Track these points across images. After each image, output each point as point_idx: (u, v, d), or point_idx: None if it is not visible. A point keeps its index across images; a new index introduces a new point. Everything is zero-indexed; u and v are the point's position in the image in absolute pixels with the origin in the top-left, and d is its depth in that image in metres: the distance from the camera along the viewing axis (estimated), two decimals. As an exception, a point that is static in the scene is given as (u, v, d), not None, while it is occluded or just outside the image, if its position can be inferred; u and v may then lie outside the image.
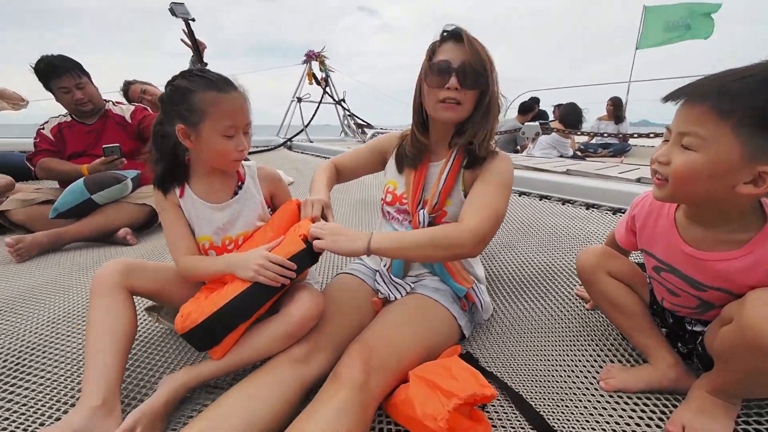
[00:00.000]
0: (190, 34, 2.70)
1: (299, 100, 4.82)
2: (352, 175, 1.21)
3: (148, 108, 2.31)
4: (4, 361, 0.97)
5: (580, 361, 0.97)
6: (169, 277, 0.94)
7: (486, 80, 0.94)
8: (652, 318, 0.94)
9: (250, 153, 3.79)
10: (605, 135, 4.42)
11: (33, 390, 0.87)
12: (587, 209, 1.86)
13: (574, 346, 1.03)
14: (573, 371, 0.94)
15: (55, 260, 1.67)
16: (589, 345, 1.03)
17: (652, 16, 6.02)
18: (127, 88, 2.80)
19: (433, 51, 0.97)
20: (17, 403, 0.83)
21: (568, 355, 1.00)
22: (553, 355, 1.00)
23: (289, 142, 4.46)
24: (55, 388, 0.88)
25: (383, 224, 1.15)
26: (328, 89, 4.83)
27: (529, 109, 5.50)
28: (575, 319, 1.14)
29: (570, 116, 4.03)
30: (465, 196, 1.01)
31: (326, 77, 4.77)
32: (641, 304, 0.94)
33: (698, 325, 0.85)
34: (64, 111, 2.14)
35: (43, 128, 2.12)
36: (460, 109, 0.95)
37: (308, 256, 0.87)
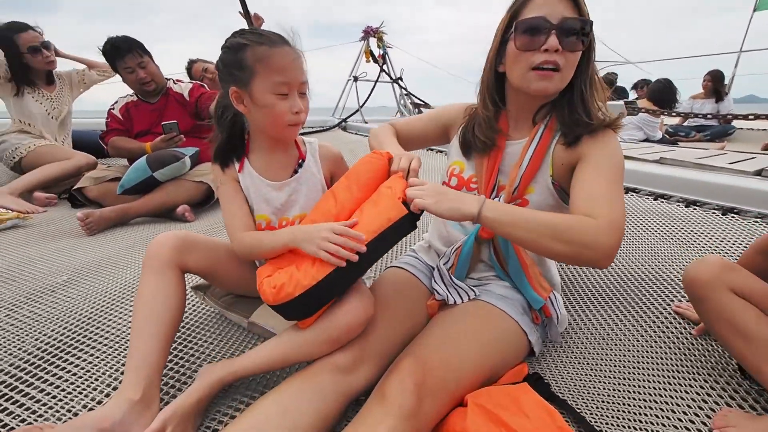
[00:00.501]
0: (244, 7, 2.70)
1: (356, 79, 4.70)
2: (410, 145, 1.05)
3: (206, 86, 2.34)
4: (69, 330, 1.00)
5: (683, 398, 0.78)
6: (221, 256, 0.90)
7: (589, 39, 0.76)
8: None
9: (303, 133, 3.78)
10: (707, 116, 3.78)
11: (83, 368, 0.88)
12: (687, 206, 1.55)
13: (675, 378, 0.83)
14: (674, 412, 0.75)
15: (121, 234, 1.75)
16: (696, 379, 0.82)
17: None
18: (191, 67, 2.89)
19: (519, 6, 0.79)
20: (75, 375, 0.85)
21: (666, 390, 0.80)
22: (645, 388, 0.82)
23: (344, 123, 4.40)
24: (103, 368, 0.88)
25: (446, 221, 0.97)
26: (385, 67, 4.66)
27: (608, 84, 4.90)
28: (675, 342, 0.93)
29: (664, 94, 3.45)
30: (553, 183, 0.84)
31: (384, 54, 4.60)
32: None
33: None
34: (131, 91, 2.23)
35: (113, 108, 2.24)
36: (559, 77, 0.77)
37: (408, 222, 0.75)
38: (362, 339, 0.77)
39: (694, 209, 1.52)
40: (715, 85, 4.42)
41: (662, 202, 1.63)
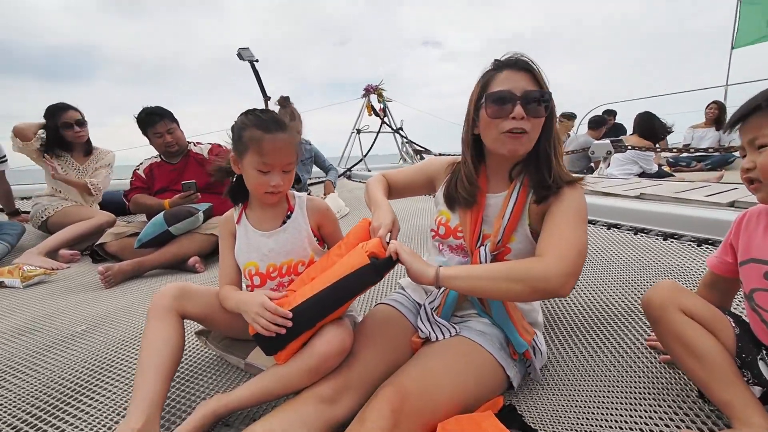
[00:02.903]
0: (255, 73, 3.04)
1: (358, 131, 5.04)
2: (400, 195, 1.18)
3: (222, 146, 2.56)
4: (75, 381, 1.09)
5: (647, 424, 0.82)
6: (214, 303, 1.00)
7: (550, 105, 0.89)
8: (738, 370, 0.77)
9: (311, 184, 4.04)
10: (696, 149, 3.87)
11: (96, 408, 0.97)
12: (665, 239, 1.63)
13: (642, 405, 0.87)
14: (638, 437, 0.79)
15: (136, 287, 1.89)
16: (660, 405, 0.86)
17: (748, 8, 5.29)
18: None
19: (487, 80, 0.92)
20: (81, 420, 0.93)
21: (633, 417, 0.84)
22: (614, 415, 0.86)
23: (348, 172, 4.64)
24: (114, 408, 0.97)
25: (434, 255, 1.08)
26: (386, 119, 4.98)
27: (601, 123, 5.06)
28: (645, 371, 0.98)
29: (648, 124, 3.52)
30: (531, 232, 0.94)
31: (384, 108, 4.93)
32: (724, 350, 0.78)
33: None
34: (155, 153, 2.48)
35: (138, 169, 2.49)
36: (527, 138, 0.89)
37: (371, 272, 0.85)
38: (345, 370, 0.84)
39: (672, 242, 1.59)
40: (721, 114, 4.55)
41: (642, 236, 1.70)
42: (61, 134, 2.53)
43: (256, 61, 3.03)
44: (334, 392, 0.81)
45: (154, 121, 2.33)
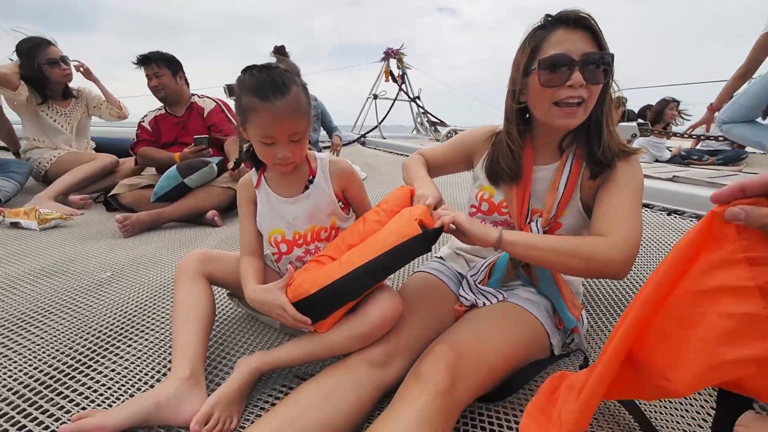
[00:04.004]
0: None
1: (375, 96, 4.88)
2: (440, 172, 1.11)
3: (225, 111, 2.45)
4: (111, 326, 1.07)
5: (701, 403, 0.82)
6: (238, 269, 0.96)
7: (611, 69, 0.81)
8: None
9: (325, 148, 3.93)
10: (718, 138, 3.80)
11: (133, 355, 0.95)
12: (698, 221, 1.59)
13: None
14: (682, 417, 0.79)
15: (155, 237, 1.86)
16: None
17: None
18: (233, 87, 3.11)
19: (538, 41, 0.83)
20: (120, 365, 0.91)
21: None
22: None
23: (362, 138, 4.53)
24: (150, 356, 0.95)
25: None
26: (404, 86, 4.82)
27: (616, 106, 4.98)
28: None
29: (649, 115, 3.54)
30: (583, 206, 0.90)
31: (403, 74, 4.77)
32: None
33: None
34: (160, 105, 2.40)
35: (143, 121, 2.41)
36: (582, 110, 0.82)
37: (423, 242, 0.80)
38: (394, 336, 0.82)
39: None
40: None
41: (675, 217, 1.67)
42: (43, 75, 2.35)
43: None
44: (385, 356, 0.79)
45: (144, 62, 2.26)
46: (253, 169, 0.97)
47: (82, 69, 2.58)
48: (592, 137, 0.86)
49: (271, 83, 0.79)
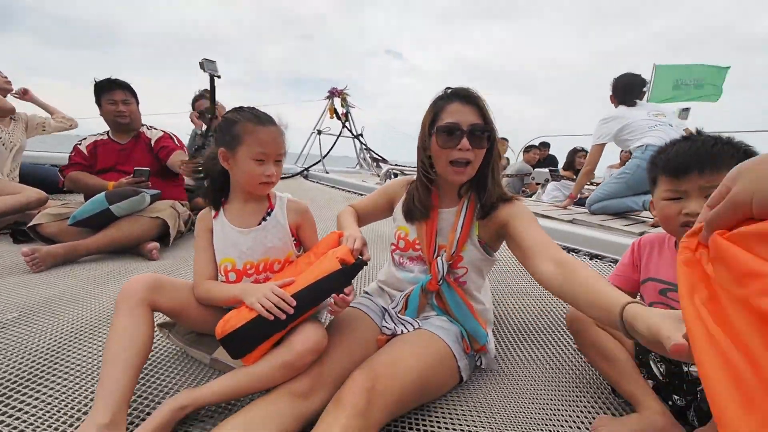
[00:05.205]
0: (212, 89, 2.93)
1: (319, 132, 5.04)
2: (368, 219, 1.28)
3: (174, 138, 2.44)
4: (18, 372, 1.01)
5: (574, 411, 0.98)
6: (188, 297, 0.99)
7: (492, 136, 1.02)
8: (636, 366, 0.96)
9: (283, 177, 3.92)
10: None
11: (45, 402, 0.91)
12: (591, 259, 1.89)
13: (570, 397, 1.04)
14: (566, 422, 0.95)
15: (73, 272, 1.72)
16: (584, 397, 1.03)
17: (661, 73, 6.22)
18: (196, 100, 3.16)
19: (439, 109, 1.03)
20: (32, 414, 0.86)
21: (563, 406, 1.00)
22: (549, 405, 1.01)
23: (306, 171, 4.61)
24: (65, 402, 0.91)
25: (396, 272, 1.18)
26: (347, 124, 5.04)
27: (528, 150, 5.72)
28: (573, 370, 1.15)
29: (567, 161, 4.17)
30: (479, 241, 1.08)
31: (347, 113, 5.00)
32: (625, 351, 0.98)
33: None
34: (103, 130, 2.32)
35: (80, 144, 2.28)
36: (470, 168, 1.03)
37: (342, 275, 0.91)
38: (318, 367, 0.88)
39: (596, 261, 1.87)
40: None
41: (573, 255, 1.95)
42: None
43: (218, 77, 2.89)
44: (307, 388, 0.84)
45: (113, 87, 2.21)
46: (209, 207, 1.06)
47: (20, 92, 2.52)
48: (480, 187, 1.07)
49: (264, 114, 1.00)
